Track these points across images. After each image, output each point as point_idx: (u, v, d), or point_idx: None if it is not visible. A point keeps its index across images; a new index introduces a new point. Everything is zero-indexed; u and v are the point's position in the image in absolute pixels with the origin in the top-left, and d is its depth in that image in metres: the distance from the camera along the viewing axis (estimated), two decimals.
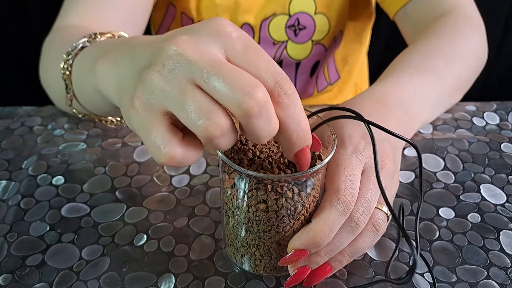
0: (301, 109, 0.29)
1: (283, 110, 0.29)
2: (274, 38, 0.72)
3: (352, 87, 0.85)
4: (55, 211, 0.46)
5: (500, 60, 1.13)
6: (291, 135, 0.30)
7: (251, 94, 0.27)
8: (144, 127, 0.29)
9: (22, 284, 0.39)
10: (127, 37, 0.47)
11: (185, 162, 0.29)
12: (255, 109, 0.27)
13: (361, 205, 0.36)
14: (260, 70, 0.28)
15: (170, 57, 0.28)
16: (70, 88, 0.49)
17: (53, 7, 0.62)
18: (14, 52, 1.06)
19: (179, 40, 0.29)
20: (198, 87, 0.28)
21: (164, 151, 0.28)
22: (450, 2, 0.62)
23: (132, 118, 0.30)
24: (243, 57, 0.29)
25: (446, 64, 0.53)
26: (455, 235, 0.43)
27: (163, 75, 0.28)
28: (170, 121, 0.29)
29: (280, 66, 0.74)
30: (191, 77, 0.28)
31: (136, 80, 0.30)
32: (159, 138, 0.28)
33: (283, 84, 0.29)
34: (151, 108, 0.29)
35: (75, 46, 0.47)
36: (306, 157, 0.31)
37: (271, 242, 0.36)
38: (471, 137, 0.56)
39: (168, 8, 0.73)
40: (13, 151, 0.53)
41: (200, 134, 0.28)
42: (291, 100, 0.29)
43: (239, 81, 0.27)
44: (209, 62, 0.28)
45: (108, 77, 0.36)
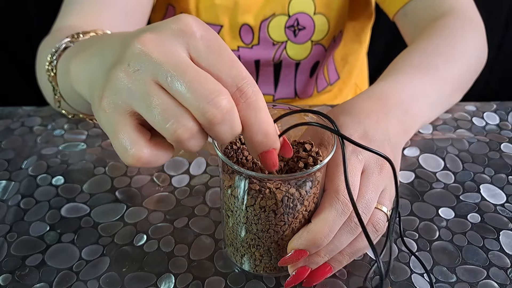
0: (265, 113, 0.29)
1: (245, 115, 0.29)
2: (273, 39, 0.72)
3: (352, 87, 0.85)
4: (55, 211, 0.46)
5: (500, 60, 1.13)
6: (253, 138, 0.29)
7: (214, 102, 0.27)
8: (112, 127, 0.29)
9: (22, 284, 0.39)
10: (102, 34, 0.46)
11: (153, 163, 0.29)
12: (218, 118, 0.27)
13: (360, 205, 0.36)
14: (222, 73, 0.28)
15: (135, 56, 0.28)
16: (56, 90, 0.49)
17: (53, 7, 0.62)
18: (14, 52, 1.06)
19: (143, 38, 0.28)
20: (163, 89, 0.28)
21: (131, 152, 0.28)
22: (449, 2, 0.62)
23: (101, 117, 0.29)
24: (205, 58, 0.29)
25: (446, 64, 0.53)
26: (455, 235, 0.43)
27: (128, 75, 0.28)
28: (137, 122, 0.29)
29: (280, 67, 0.75)
30: (156, 78, 0.28)
31: (104, 79, 0.30)
32: (126, 139, 0.28)
33: (245, 89, 0.28)
34: (118, 108, 0.28)
35: (58, 47, 0.47)
36: (272, 160, 0.31)
37: (271, 242, 0.36)
38: (471, 137, 0.56)
39: (167, 9, 0.73)
40: (13, 151, 0.54)
41: (169, 137, 0.28)
42: (253, 105, 0.29)
43: (202, 87, 0.27)
44: (173, 64, 0.27)
45: (81, 76, 0.36)
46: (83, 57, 0.36)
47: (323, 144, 0.37)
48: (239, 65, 0.29)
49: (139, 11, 0.61)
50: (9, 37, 1.04)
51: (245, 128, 0.29)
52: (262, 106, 0.29)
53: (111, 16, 0.57)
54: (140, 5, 0.61)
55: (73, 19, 0.56)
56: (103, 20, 0.56)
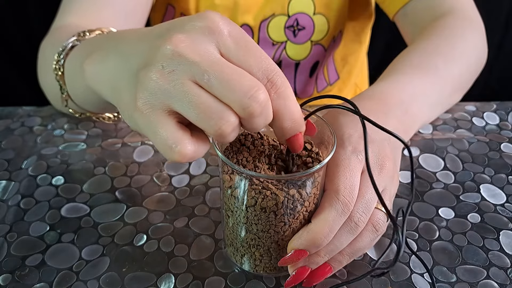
0: (293, 100, 0.31)
1: (276, 104, 0.30)
2: (273, 39, 0.72)
3: (351, 87, 0.85)
4: (55, 211, 0.46)
5: (500, 60, 1.13)
6: (282, 125, 0.31)
7: (254, 97, 0.28)
8: (152, 127, 0.30)
9: (22, 284, 0.39)
10: (114, 33, 0.46)
11: (196, 157, 0.30)
12: (258, 111, 0.29)
13: (360, 205, 0.36)
14: (252, 67, 0.30)
15: (169, 57, 0.29)
16: (64, 89, 0.49)
17: (53, 7, 0.62)
18: (14, 52, 1.06)
19: (175, 39, 0.29)
20: (201, 87, 0.29)
21: (177, 150, 0.29)
22: (449, 2, 0.62)
23: (137, 119, 0.30)
24: (236, 54, 0.30)
25: (446, 64, 0.53)
26: (455, 235, 0.44)
27: (164, 76, 0.29)
28: (177, 120, 0.30)
29: (280, 67, 0.74)
30: (193, 78, 0.29)
31: (133, 81, 0.30)
32: (169, 138, 0.29)
33: (275, 80, 0.30)
34: (155, 109, 0.29)
35: (65, 46, 0.47)
36: (298, 143, 0.33)
37: (271, 242, 0.36)
38: (471, 137, 0.56)
39: (167, 9, 0.73)
40: (13, 151, 0.54)
41: (213, 133, 0.29)
42: (283, 95, 0.30)
43: (241, 83, 0.28)
44: (209, 63, 0.29)
45: (100, 76, 0.36)
46: (98, 57, 0.36)
47: (323, 144, 0.37)
48: (266, 57, 0.31)
49: (139, 10, 0.61)
50: (9, 37, 1.04)
51: (276, 116, 0.31)
52: (290, 95, 0.31)
53: (110, 15, 0.57)
54: (140, 5, 0.61)
55: (72, 18, 0.56)
56: (102, 19, 0.56)
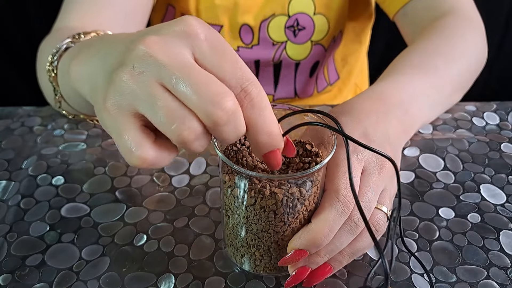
0: (269, 112, 0.29)
1: (249, 115, 0.29)
2: (273, 39, 0.72)
3: (352, 87, 0.85)
4: (55, 211, 0.46)
5: (500, 60, 1.13)
6: (257, 138, 0.30)
7: (219, 104, 0.27)
8: (116, 128, 0.29)
9: (22, 284, 0.39)
10: (102, 35, 0.46)
11: (158, 164, 0.29)
12: (223, 119, 0.27)
13: (361, 206, 0.36)
14: (226, 74, 0.29)
15: (140, 58, 0.28)
16: (57, 90, 0.49)
17: (53, 7, 0.62)
18: (14, 52, 1.06)
19: (148, 40, 0.28)
20: (168, 90, 0.28)
21: (137, 154, 0.28)
22: (449, 2, 0.62)
23: (104, 119, 0.30)
24: (210, 60, 0.29)
25: (446, 64, 0.53)
26: (455, 235, 0.43)
27: (133, 77, 0.28)
28: (142, 123, 0.29)
29: (280, 67, 0.75)
30: (160, 80, 0.28)
31: (107, 80, 0.30)
32: (130, 140, 0.28)
33: (250, 90, 0.29)
34: (122, 110, 0.29)
35: (58, 47, 0.47)
36: (276, 160, 0.31)
37: (271, 242, 0.36)
38: (471, 137, 0.56)
39: (167, 9, 0.73)
40: (13, 151, 0.54)
41: (175, 138, 0.28)
42: (257, 105, 0.29)
43: (207, 89, 0.27)
44: (178, 66, 0.28)
45: (81, 77, 0.36)
46: (83, 57, 0.36)
47: (323, 144, 0.37)
48: (243, 65, 0.29)
49: (139, 11, 0.61)
50: (9, 37, 1.04)
51: (250, 128, 0.29)
52: (266, 106, 0.29)
53: (111, 17, 0.57)
54: (140, 6, 0.61)
55: (73, 20, 0.56)
56: (103, 21, 0.56)
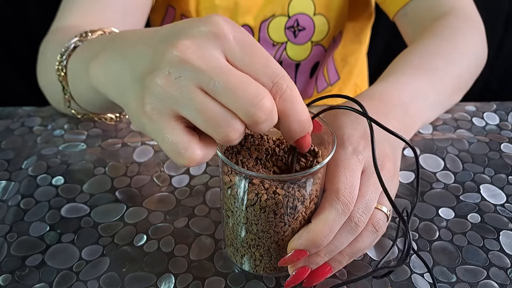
0: (299, 103, 0.31)
1: (282, 108, 0.30)
2: (273, 39, 0.72)
3: (352, 88, 0.85)
4: (55, 211, 0.46)
5: (500, 60, 1.13)
6: (290, 128, 0.31)
7: (260, 105, 0.28)
8: (160, 133, 0.30)
9: (22, 284, 0.39)
10: (118, 34, 0.46)
11: (204, 161, 0.30)
12: (263, 119, 0.29)
13: (361, 206, 0.36)
14: (259, 72, 0.30)
15: (175, 64, 0.29)
16: (67, 90, 0.49)
17: (53, 7, 0.62)
18: (14, 52, 1.06)
19: (180, 45, 0.29)
20: (207, 93, 0.29)
21: (187, 155, 0.29)
22: (449, 2, 0.62)
23: (145, 124, 0.30)
24: (241, 60, 0.30)
25: (446, 64, 0.53)
26: (455, 235, 0.44)
27: (171, 82, 0.29)
28: (184, 125, 0.30)
29: None
30: (199, 85, 0.29)
31: (139, 86, 0.31)
32: (178, 143, 0.29)
33: (281, 84, 0.30)
34: (163, 114, 0.29)
35: (67, 46, 0.47)
36: (306, 143, 0.33)
37: (271, 242, 0.36)
38: (471, 137, 0.56)
39: (167, 10, 0.73)
40: (13, 151, 0.54)
41: (220, 139, 0.29)
42: (289, 98, 0.30)
43: (246, 92, 0.28)
44: (215, 70, 0.29)
45: (105, 78, 0.36)
46: (103, 59, 0.36)
47: (323, 144, 0.37)
48: (272, 61, 0.31)
49: (138, 11, 0.61)
50: (9, 37, 1.04)
51: (282, 119, 0.31)
52: (297, 98, 0.31)
53: (109, 16, 0.57)
54: (139, 6, 0.61)
55: (72, 19, 0.56)
56: (102, 20, 0.56)
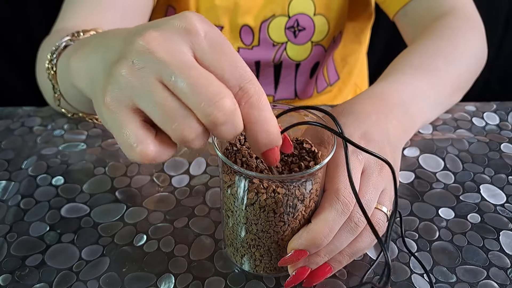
0: (268, 112, 0.29)
1: (248, 114, 0.29)
2: (273, 40, 0.72)
3: (352, 88, 0.85)
4: (55, 211, 0.46)
5: (500, 60, 1.13)
6: (256, 137, 0.30)
7: (218, 105, 0.27)
8: (116, 123, 0.29)
9: (22, 284, 0.39)
10: (102, 31, 0.46)
11: (158, 159, 0.29)
12: (221, 119, 0.27)
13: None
14: (225, 73, 0.29)
15: (139, 53, 0.28)
16: (56, 88, 0.49)
17: (53, 7, 0.62)
18: (14, 52, 1.06)
19: (148, 36, 0.28)
20: (167, 88, 0.28)
21: (138, 149, 0.28)
22: (449, 2, 0.62)
23: (104, 114, 0.29)
24: (209, 58, 0.29)
25: (446, 64, 0.53)
26: (455, 236, 0.43)
27: (133, 72, 0.28)
28: (142, 118, 0.29)
29: (280, 67, 0.75)
30: (160, 78, 0.28)
31: (106, 74, 0.30)
32: (132, 136, 0.28)
33: (248, 89, 0.29)
34: (121, 105, 0.28)
35: (58, 45, 0.47)
36: (274, 157, 0.31)
37: (271, 242, 0.36)
38: (471, 137, 0.56)
39: (167, 10, 0.73)
40: (13, 151, 0.54)
41: (175, 137, 0.28)
42: (255, 104, 0.29)
43: (206, 89, 0.27)
44: (178, 64, 0.28)
45: (80, 72, 0.35)
46: (82, 53, 0.36)
47: (323, 144, 0.37)
48: (242, 64, 0.29)
49: (139, 13, 0.61)
50: (9, 37, 1.04)
51: (248, 127, 0.29)
52: (264, 105, 0.29)
53: (110, 18, 0.57)
54: (140, 7, 0.61)
55: (73, 21, 0.56)
56: (103, 22, 0.56)
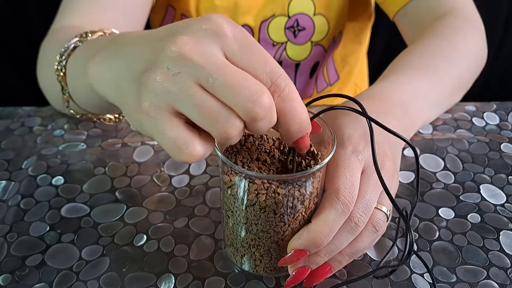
0: (298, 103, 0.31)
1: (280, 107, 0.30)
2: (273, 39, 0.72)
3: (351, 88, 0.85)
4: (55, 211, 0.46)
5: (500, 60, 1.13)
6: (289, 128, 0.31)
7: (258, 102, 0.28)
8: (159, 128, 0.29)
9: (22, 284, 0.39)
10: (118, 34, 0.46)
11: (204, 157, 0.30)
12: (261, 115, 0.29)
13: (360, 205, 0.36)
14: (257, 70, 0.30)
15: (173, 60, 0.29)
16: (65, 89, 0.49)
17: (53, 7, 0.62)
18: (14, 52, 1.06)
19: (179, 41, 0.29)
20: (205, 90, 0.29)
21: (187, 151, 0.29)
22: (449, 2, 0.62)
23: (143, 121, 0.30)
24: (240, 58, 0.30)
25: (446, 64, 0.53)
26: (455, 235, 0.44)
27: (169, 78, 0.29)
28: (184, 121, 0.30)
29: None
30: (198, 81, 0.29)
31: (137, 83, 0.30)
32: (179, 139, 0.29)
33: (279, 83, 0.30)
34: (161, 110, 0.29)
35: (67, 46, 0.47)
36: (305, 144, 0.33)
37: (271, 242, 0.36)
38: (471, 137, 0.56)
39: (167, 10, 0.73)
40: (13, 151, 0.54)
41: (218, 136, 0.29)
42: (287, 97, 0.30)
43: (244, 88, 0.28)
44: (214, 66, 0.29)
45: (103, 77, 0.35)
46: (102, 58, 0.36)
47: (322, 144, 0.37)
48: (271, 60, 0.30)
49: (138, 11, 0.61)
50: (9, 37, 1.04)
51: (281, 118, 0.30)
52: (295, 97, 0.30)
53: (110, 16, 0.57)
54: (140, 6, 0.61)
55: (72, 19, 0.56)
56: (102, 20, 0.56)
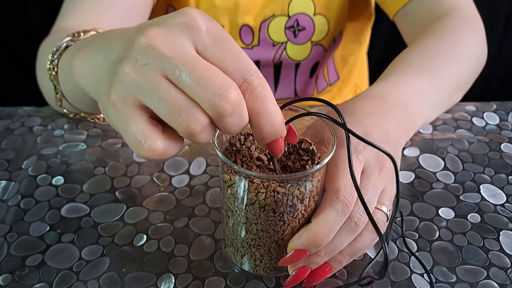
0: (272, 103, 0.30)
1: (252, 106, 0.29)
2: (273, 39, 0.72)
3: (351, 88, 0.85)
4: (55, 211, 0.46)
5: (500, 60, 1.13)
6: (261, 128, 0.30)
7: (224, 96, 0.27)
8: (122, 121, 0.29)
9: (22, 284, 0.39)
10: (106, 31, 0.46)
11: (167, 154, 0.29)
12: (228, 111, 0.27)
13: (360, 205, 0.36)
14: (228, 66, 0.29)
15: (142, 50, 0.28)
16: (58, 88, 0.49)
17: (53, 7, 0.62)
18: (14, 52, 1.06)
19: (150, 32, 0.28)
20: (172, 83, 0.28)
21: (146, 145, 0.28)
22: (450, 2, 0.62)
23: (110, 112, 0.30)
24: (212, 52, 0.29)
25: (446, 64, 0.53)
26: (455, 235, 0.43)
27: (136, 69, 0.28)
28: (148, 115, 0.29)
29: (280, 67, 0.75)
30: (164, 73, 0.28)
31: (110, 74, 0.30)
32: (140, 133, 0.28)
33: (252, 81, 0.29)
34: (127, 102, 0.29)
35: (59, 46, 0.47)
36: (279, 147, 0.31)
37: (271, 242, 0.36)
38: (471, 137, 0.56)
39: (167, 10, 0.73)
40: (13, 151, 0.54)
41: (182, 130, 0.28)
42: (260, 96, 0.29)
43: (212, 81, 0.27)
44: (182, 59, 0.28)
45: (84, 72, 0.35)
46: (85, 53, 0.36)
47: (322, 143, 0.37)
48: (244, 57, 0.29)
49: (139, 12, 0.61)
50: (9, 37, 1.04)
51: (253, 118, 0.29)
52: (269, 96, 0.29)
53: (110, 18, 0.57)
54: (140, 7, 0.61)
55: (72, 21, 0.56)
56: (102, 22, 0.56)
